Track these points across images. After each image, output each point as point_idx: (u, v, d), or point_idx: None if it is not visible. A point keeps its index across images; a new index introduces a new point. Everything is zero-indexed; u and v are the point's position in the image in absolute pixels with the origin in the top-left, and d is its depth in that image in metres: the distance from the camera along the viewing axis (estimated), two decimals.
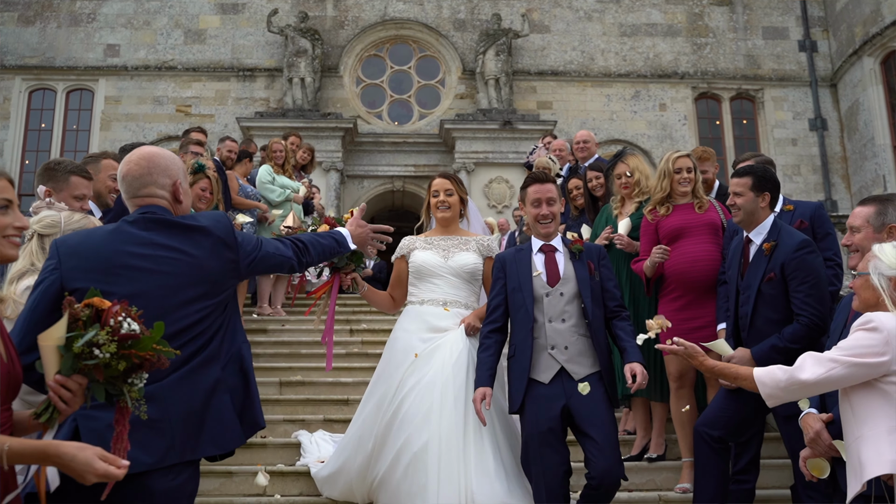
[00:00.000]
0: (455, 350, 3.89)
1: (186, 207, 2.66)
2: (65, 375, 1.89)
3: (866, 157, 16.65)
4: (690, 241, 4.50)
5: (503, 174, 15.95)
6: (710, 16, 18.16)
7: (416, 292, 4.14)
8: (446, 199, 4.17)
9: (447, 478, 3.55)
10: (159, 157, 2.60)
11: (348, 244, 3.15)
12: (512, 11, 17.76)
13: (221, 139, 8.02)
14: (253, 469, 4.54)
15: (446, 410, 3.71)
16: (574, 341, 3.72)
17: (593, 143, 6.44)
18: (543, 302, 3.78)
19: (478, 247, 4.17)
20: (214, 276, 2.48)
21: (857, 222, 3.20)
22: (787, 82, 17.88)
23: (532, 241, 3.99)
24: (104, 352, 1.87)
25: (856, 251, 3.19)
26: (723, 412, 3.85)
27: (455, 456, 3.59)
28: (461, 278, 4.10)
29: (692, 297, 4.45)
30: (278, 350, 6.88)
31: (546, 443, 3.59)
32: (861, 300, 2.76)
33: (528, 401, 3.69)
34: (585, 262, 3.85)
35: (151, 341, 1.94)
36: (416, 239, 4.24)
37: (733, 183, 4.06)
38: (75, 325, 1.88)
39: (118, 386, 1.95)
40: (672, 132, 17.49)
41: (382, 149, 16.89)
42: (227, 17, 17.59)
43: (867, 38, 16.34)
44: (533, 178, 3.99)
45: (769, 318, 3.78)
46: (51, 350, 1.88)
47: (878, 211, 3.13)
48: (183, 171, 2.69)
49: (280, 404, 5.67)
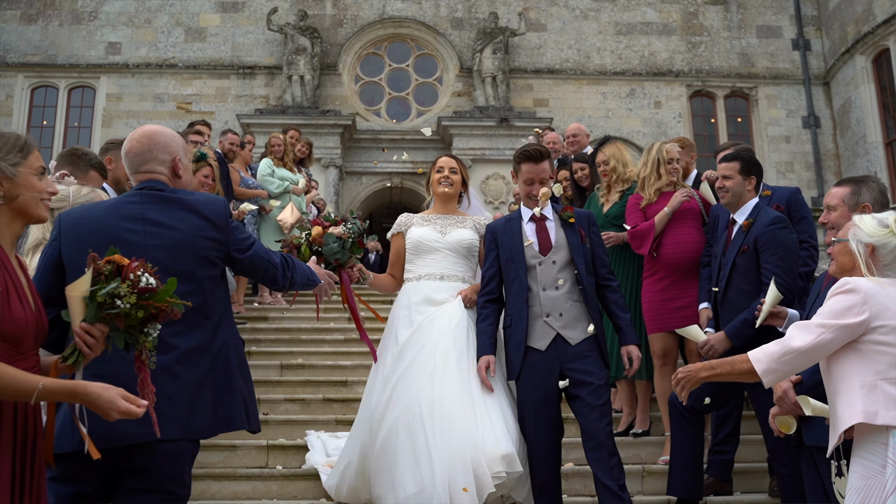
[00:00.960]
0: (454, 318, 3.91)
1: (186, 182, 2.83)
2: (89, 323, 2.11)
3: (858, 154, 16.87)
4: (674, 226, 4.72)
5: (500, 171, 16.13)
6: (704, 15, 18.38)
7: (413, 268, 4.16)
8: (450, 175, 4.21)
9: (452, 435, 3.56)
10: (160, 134, 2.79)
11: (318, 280, 3.21)
12: (509, 10, 17.97)
13: (223, 132, 8.24)
14: (256, 443, 4.75)
15: (450, 372, 3.75)
16: (568, 308, 3.77)
17: (583, 136, 6.64)
18: (536, 270, 3.83)
19: (474, 225, 4.21)
20: (199, 253, 2.62)
21: (833, 202, 3.39)
22: (781, 80, 18.09)
23: (521, 210, 4.03)
24: (125, 302, 2.08)
25: (832, 228, 3.39)
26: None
27: (461, 413, 3.62)
28: (458, 253, 4.12)
29: (675, 278, 4.67)
30: (279, 336, 7.09)
31: (540, 409, 3.68)
32: (838, 265, 2.93)
33: (524, 368, 3.76)
34: (577, 229, 3.89)
35: (167, 294, 2.15)
36: (412, 216, 4.28)
37: (722, 167, 4.27)
38: (98, 278, 2.10)
39: (135, 335, 2.17)
40: (667, 129, 17.68)
41: (380, 145, 17.06)
42: (228, 16, 17.79)
43: (859, 36, 16.55)
44: (527, 155, 3.99)
45: (741, 290, 4.00)
46: (77, 300, 2.09)
47: (853, 191, 3.34)
48: (183, 149, 2.86)
49: (281, 385, 5.88)
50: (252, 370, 6.16)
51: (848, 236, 2.87)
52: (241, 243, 2.76)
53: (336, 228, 3.84)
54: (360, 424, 3.99)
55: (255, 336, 7.03)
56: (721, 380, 2.90)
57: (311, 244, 3.80)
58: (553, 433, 3.73)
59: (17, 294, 2.08)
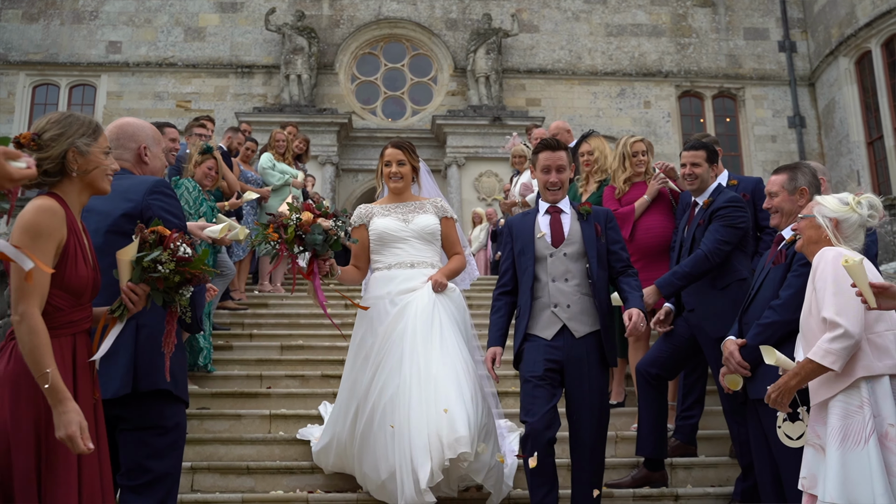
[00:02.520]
0: (421, 304, 3.99)
1: (153, 169, 3.20)
2: (134, 283, 2.51)
3: (842, 154, 17.30)
4: (645, 213, 5.12)
5: (492, 168, 16.53)
6: (693, 17, 18.79)
7: (381, 259, 4.22)
8: (398, 169, 4.26)
9: (417, 415, 3.70)
10: (128, 125, 3.20)
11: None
12: (502, 11, 18.36)
13: (230, 128, 8.63)
14: (259, 413, 5.13)
15: (416, 356, 3.86)
16: (577, 300, 3.82)
17: (563, 132, 7.02)
18: (547, 262, 3.88)
19: (433, 208, 4.29)
20: (116, 229, 2.86)
21: (774, 188, 3.78)
22: (768, 81, 18.51)
23: (539, 203, 4.10)
24: (165, 268, 2.50)
25: (776, 212, 3.77)
26: (659, 353, 4.44)
27: (422, 395, 3.74)
28: (424, 240, 4.21)
29: (647, 262, 5.08)
30: (279, 321, 7.45)
31: (537, 384, 3.72)
32: (805, 238, 3.29)
33: (526, 349, 3.84)
34: (593, 223, 3.93)
35: (200, 262, 2.57)
36: (371, 207, 4.32)
37: (691, 155, 4.60)
38: (144, 246, 2.50)
39: (171, 295, 2.57)
40: (656, 129, 18.09)
41: (376, 143, 17.39)
42: (226, 16, 18.14)
43: (843, 39, 16.97)
44: (544, 144, 4.06)
45: None
46: (125, 263, 2.51)
47: (790, 177, 3.73)
48: (153, 139, 3.23)
49: (282, 364, 6.26)
50: (254, 350, 6.64)
51: (813, 212, 3.26)
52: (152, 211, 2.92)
53: (326, 221, 3.88)
54: (339, 406, 4.21)
55: (257, 321, 7.42)
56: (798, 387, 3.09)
57: (297, 227, 3.84)
58: (549, 415, 3.70)
59: (82, 255, 2.46)
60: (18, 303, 2.26)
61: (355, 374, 4.13)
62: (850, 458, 2.92)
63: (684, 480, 4.58)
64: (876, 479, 2.86)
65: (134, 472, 2.88)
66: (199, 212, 5.79)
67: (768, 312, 3.52)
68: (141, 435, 2.90)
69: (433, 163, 17.32)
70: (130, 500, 2.87)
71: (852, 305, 2.98)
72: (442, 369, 3.81)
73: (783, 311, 3.45)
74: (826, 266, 3.09)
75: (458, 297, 4.23)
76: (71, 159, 2.45)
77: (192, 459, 4.47)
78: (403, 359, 3.88)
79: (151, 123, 3.51)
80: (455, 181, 16.84)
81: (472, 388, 3.84)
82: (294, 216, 3.85)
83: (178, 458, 3.04)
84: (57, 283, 2.36)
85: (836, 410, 3.00)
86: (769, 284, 3.62)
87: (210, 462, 4.55)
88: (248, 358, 6.40)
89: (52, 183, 2.46)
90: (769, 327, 3.49)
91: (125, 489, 2.87)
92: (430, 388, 3.76)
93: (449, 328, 4.00)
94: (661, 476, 4.47)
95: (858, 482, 2.88)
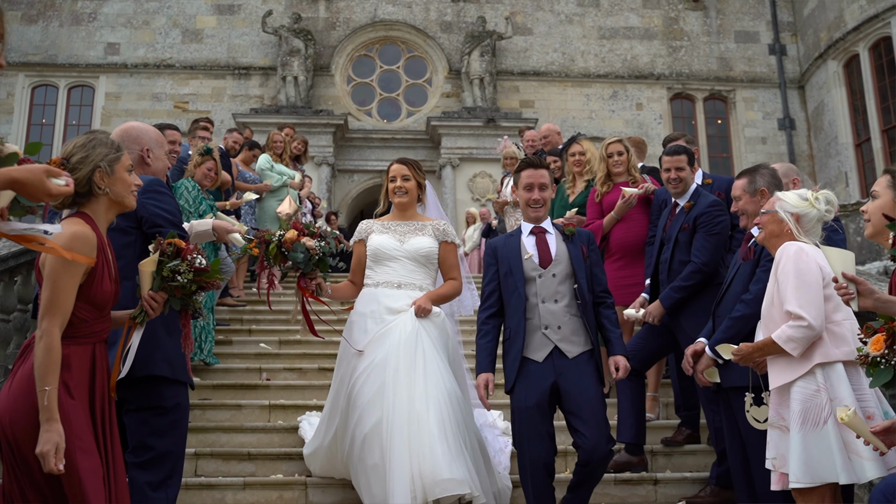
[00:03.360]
0: (405, 332, 3.94)
1: (155, 170, 3.44)
2: (154, 291, 2.77)
3: (830, 155, 17.58)
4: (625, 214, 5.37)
5: (486, 169, 16.75)
6: (684, 20, 19.06)
7: (372, 275, 4.21)
8: (403, 184, 4.24)
9: (398, 454, 3.63)
10: (132, 129, 3.45)
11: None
12: (496, 14, 18.61)
13: (229, 130, 8.85)
14: (259, 403, 5.36)
15: (399, 389, 3.79)
16: (567, 321, 3.80)
17: (554, 135, 7.31)
18: (536, 283, 3.86)
19: (434, 231, 4.25)
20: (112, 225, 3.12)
21: (737, 193, 4.01)
22: (758, 84, 18.78)
23: (522, 224, 4.09)
24: (184, 277, 2.76)
25: (742, 214, 4.01)
26: (635, 348, 4.68)
27: (404, 433, 3.68)
28: (417, 262, 4.18)
29: (628, 260, 5.33)
30: (277, 317, 7.66)
31: (534, 417, 3.69)
32: (767, 232, 3.52)
33: (520, 378, 3.79)
34: (578, 244, 3.93)
35: (215, 273, 2.82)
36: (373, 223, 4.33)
37: (674, 160, 4.79)
38: (163, 257, 2.74)
39: (187, 301, 2.85)
40: (648, 130, 18.32)
41: (372, 144, 17.70)
42: (224, 18, 18.35)
43: (831, 42, 17.25)
44: (527, 162, 4.07)
45: (682, 261, 4.61)
46: (147, 274, 2.78)
47: (750, 180, 3.97)
48: (156, 142, 3.48)
49: (280, 357, 6.49)
50: (253, 345, 6.82)
51: (775, 207, 3.49)
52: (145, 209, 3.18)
53: (309, 241, 3.88)
54: (324, 418, 4.25)
55: (255, 317, 7.65)
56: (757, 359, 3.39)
57: (280, 245, 3.88)
58: (545, 442, 3.72)
59: (108, 272, 2.67)
60: (44, 318, 2.47)
61: (336, 392, 4.15)
62: (810, 439, 3.16)
63: (664, 466, 4.81)
64: (837, 457, 3.11)
65: (139, 449, 3.16)
66: (198, 210, 6.01)
67: (739, 306, 3.75)
68: (143, 415, 3.17)
69: (428, 164, 17.56)
70: (137, 476, 3.12)
71: (815, 300, 3.22)
72: (424, 406, 3.75)
73: (754, 304, 3.67)
74: (788, 260, 3.32)
75: (442, 321, 4.15)
76: (98, 179, 2.66)
77: (195, 446, 4.69)
78: (385, 391, 3.82)
79: (154, 125, 3.75)
80: (449, 182, 17.07)
81: (457, 423, 3.78)
82: (278, 234, 3.90)
83: (179, 437, 3.28)
84: (84, 297, 2.58)
85: (796, 395, 3.24)
86: (739, 279, 3.85)
87: (213, 448, 4.77)
88: (247, 352, 6.64)
89: (80, 203, 2.67)
90: (740, 320, 3.71)
91: (132, 466, 3.12)
92: (412, 426, 3.70)
93: (433, 357, 3.93)
94: (641, 461, 4.70)
95: (820, 460, 3.13)
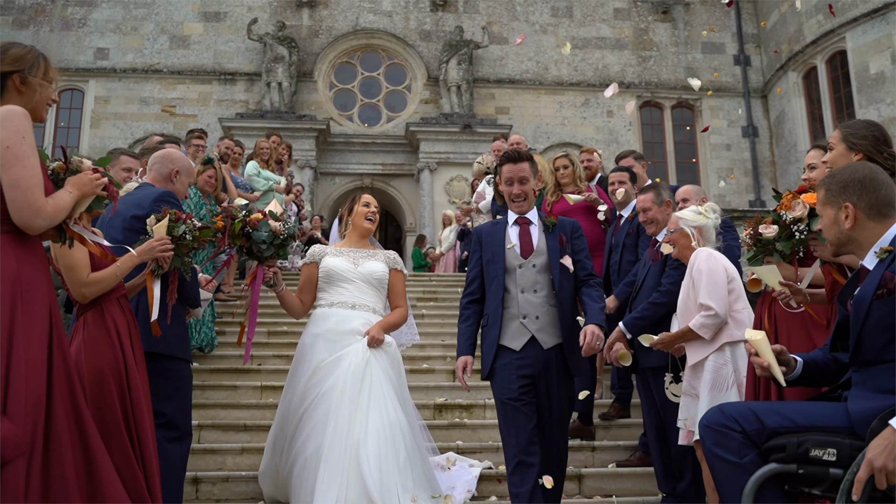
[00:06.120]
0: (354, 361, 4.09)
1: (177, 191, 4.03)
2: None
3: (790, 162, 18.47)
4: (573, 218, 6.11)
5: (463, 173, 17.43)
6: (654, 31, 19.91)
7: (325, 296, 4.34)
8: (375, 211, 4.56)
9: (329, 482, 3.76)
10: (172, 153, 4.13)
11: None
12: (473, 24, 19.37)
13: (221, 138, 9.51)
14: (252, 384, 6.06)
15: (340, 418, 3.92)
16: (545, 311, 3.80)
17: (524, 145, 8.02)
18: (516, 273, 3.85)
19: (385, 258, 4.48)
20: (125, 226, 3.72)
21: (646, 205, 4.74)
22: (723, 93, 19.66)
23: (508, 213, 4.06)
24: (190, 234, 3.47)
25: (650, 223, 4.74)
26: None
27: (341, 461, 3.82)
28: (370, 284, 4.35)
29: None
30: (264, 311, 8.28)
31: (516, 407, 3.68)
32: (680, 246, 4.27)
33: (497, 367, 3.78)
34: (557, 234, 3.91)
35: (209, 231, 3.58)
36: (325, 247, 4.51)
37: (620, 175, 5.63)
38: (171, 223, 3.47)
39: (182, 260, 3.52)
40: (618, 136, 19.18)
41: (353, 148, 18.39)
42: (210, 25, 18.97)
43: (791, 54, 18.16)
44: (507, 157, 4.05)
45: (630, 261, 5.35)
46: (161, 232, 3.45)
47: (656, 193, 4.73)
48: (186, 170, 4.10)
49: (269, 346, 7.17)
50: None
51: (680, 225, 4.25)
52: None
53: (274, 223, 4.07)
54: (271, 439, 4.33)
55: (244, 310, 8.31)
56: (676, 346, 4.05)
57: (245, 223, 4.08)
58: (529, 430, 3.67)
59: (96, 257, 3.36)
60: (73, 279, 3.15)
61: (283, 417, 4.25)
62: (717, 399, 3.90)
63: (602, 437, 5.57)
64: None
65: (154, 415, 3.79)
66: (198, 215, 6.69)
67: (656, 295, 4.48)
68: (153, 384, 3.67)
69: (407, 167, 18.33)
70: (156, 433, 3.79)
71: (721, 294, 3.99)
72: (363, 437, 3.88)
73: (669, 295, 4.41)
74: (701, 262, 4.08)
75: (394, 351, 4.29)
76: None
77: (199, 419, 5.35)
78: (329, 417, 3.95)
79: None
80: (427, 185, 17.78)
81: (396, 454, 3.91)
82: (244, 212, 4.13)
83: (184, 402, 3.86)
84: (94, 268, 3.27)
85: (709, 367, 3.99)
86: (651, 277, 4.60)
87: (214, 421, 5.45)
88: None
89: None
90: (656, 306, 4.46)
91: None
92: (349, 453, 3.83)
93: (380, 387, 4.07)
94: (589, 432, 5.45)
95: None
